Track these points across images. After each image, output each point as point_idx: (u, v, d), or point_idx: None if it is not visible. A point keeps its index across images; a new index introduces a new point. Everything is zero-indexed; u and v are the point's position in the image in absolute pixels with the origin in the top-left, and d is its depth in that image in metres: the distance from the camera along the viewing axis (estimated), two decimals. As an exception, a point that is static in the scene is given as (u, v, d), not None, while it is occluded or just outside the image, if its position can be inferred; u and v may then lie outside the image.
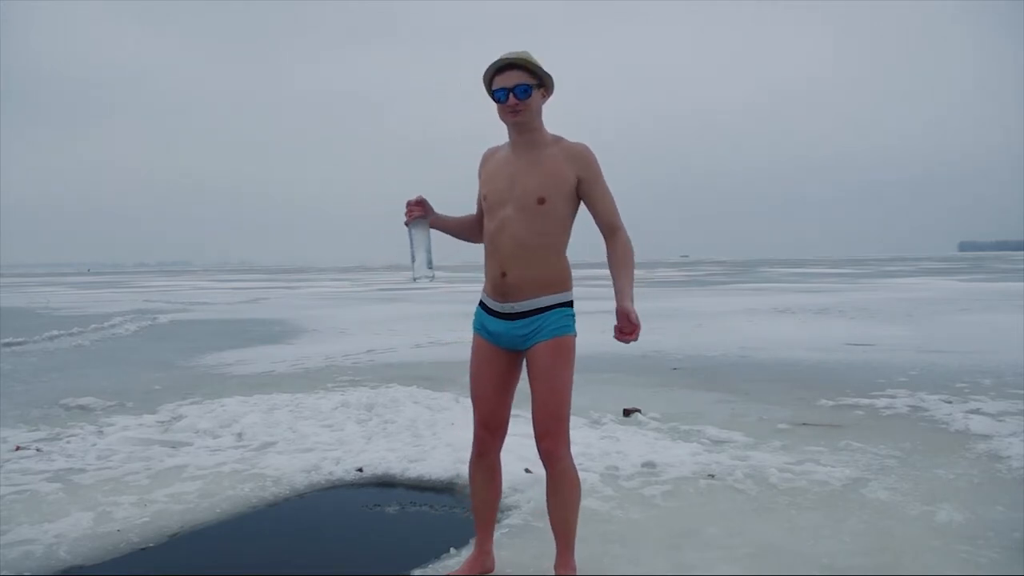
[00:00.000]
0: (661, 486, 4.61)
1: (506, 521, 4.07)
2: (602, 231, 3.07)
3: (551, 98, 3.00)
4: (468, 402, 7.63)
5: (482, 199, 3.14)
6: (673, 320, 16.88)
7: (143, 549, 3.87)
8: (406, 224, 3.12)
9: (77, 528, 4.06)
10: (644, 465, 5.03)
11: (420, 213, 3.13)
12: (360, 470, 5.11)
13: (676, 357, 10.73)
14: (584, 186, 2.93)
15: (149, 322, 19.18)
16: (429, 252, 3.11)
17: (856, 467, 4.98)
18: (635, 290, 3.06)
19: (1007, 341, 11.65)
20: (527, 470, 4.87)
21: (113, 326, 17.94)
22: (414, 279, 3.16)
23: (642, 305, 3.03)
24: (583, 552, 3.60)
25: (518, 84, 2.84)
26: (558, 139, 3.02)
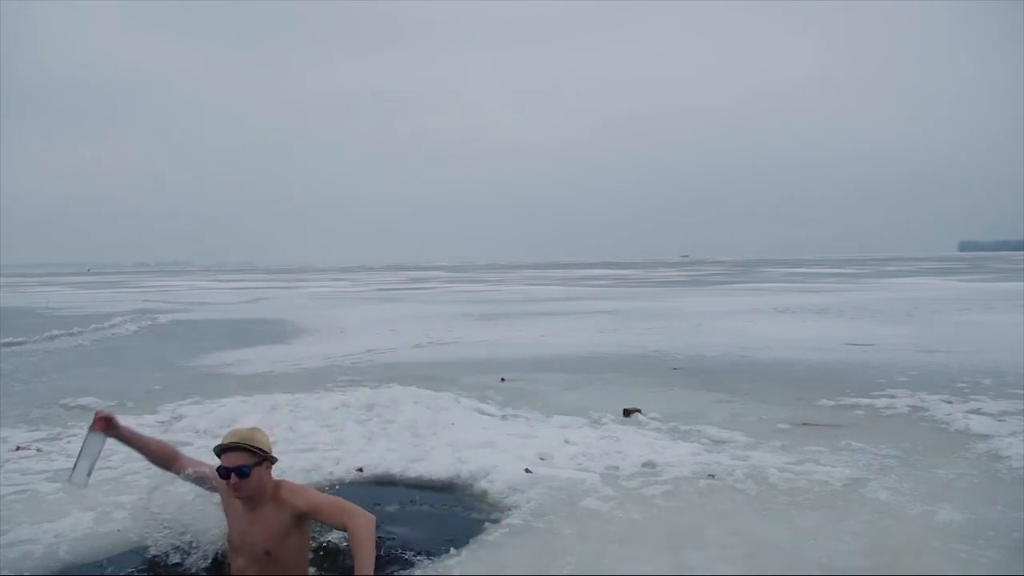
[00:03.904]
0: (661, 486, 4.61)
1: (506, 521, 4.07)
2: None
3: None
4: (468, 402, 7.64)
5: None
6: (673, 320, 16.88)
7: (143, 549, 3.87)
8: (90, 430, 3.22)
9: (77, 528, 4.07)
10: (644, 465, 5.03)
11: (102, 428, 3.25)
12: (360, 470, 5.11)
13: (676, 357, 10.73)
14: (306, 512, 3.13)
15: (149, 322, 19.19)
16: (94, 463, 3.24)
17: (856, 467, 4.98)
18: (637, 290, 3.07)
19: (1007, 341, 11.65)
20: (527, 470, 4.87)
21: (113, 326, 17.95)
22: (69, 480, 3.25)
23: (643, 305, 3.02)
24: (584, 551, 3.61)
25: (240, 466, 3.02)
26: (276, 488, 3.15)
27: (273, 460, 3.15)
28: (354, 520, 3.02)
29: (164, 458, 3.36)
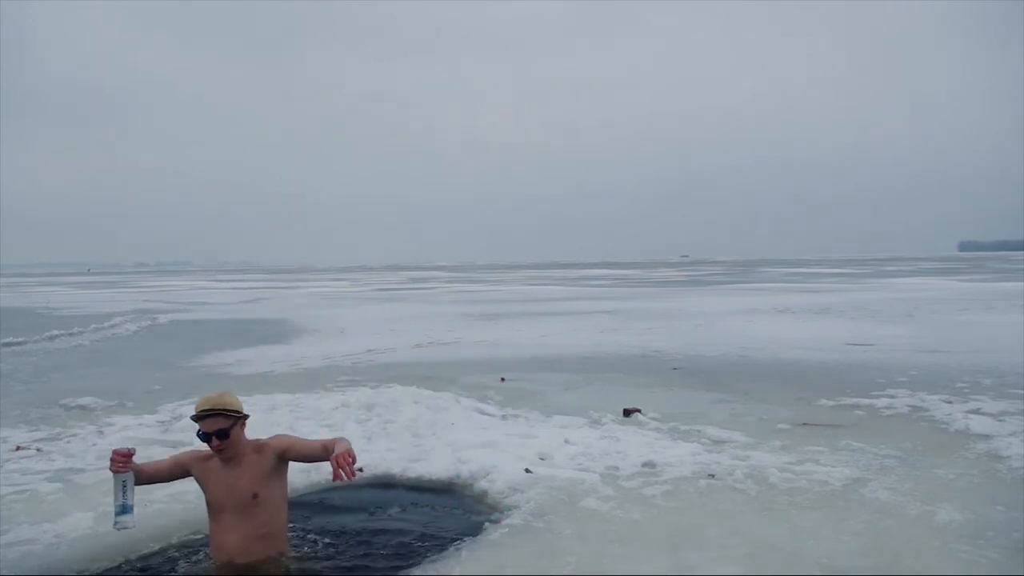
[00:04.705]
0: (661, 486, 4.61)
1: (506, 521, 4.07)
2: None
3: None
4: (468, 402, 7.64)
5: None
6: (673, 320, 16.88)
7: (144, 549, 3.87)
8: (116, 472, 3.19)
9: (77, 528, 4.06)
10: (644, 465, 5.02)
11: (130, 465, 3.24)
12: (360, 470, 5.10)
13: (676, 357, 10.73)
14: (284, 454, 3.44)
15: (149, 322, 19.19)
16: (134, 501, 3.24)
17: (856, 467, 4.97)
18: (637, 290, 3.07)
19: (1007, 341, 11.65)
20: (527, 470, 4.87)
21: (113, 326, 17.95)
22: (117, 525, 3.20)
23: (643, 305, 3.02)
24: (584, 551, 3.60)
25: (218, 429, 3.29)
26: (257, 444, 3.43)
27: (246, 417, 3.42)
28: (330, 440, 3.35)
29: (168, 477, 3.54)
